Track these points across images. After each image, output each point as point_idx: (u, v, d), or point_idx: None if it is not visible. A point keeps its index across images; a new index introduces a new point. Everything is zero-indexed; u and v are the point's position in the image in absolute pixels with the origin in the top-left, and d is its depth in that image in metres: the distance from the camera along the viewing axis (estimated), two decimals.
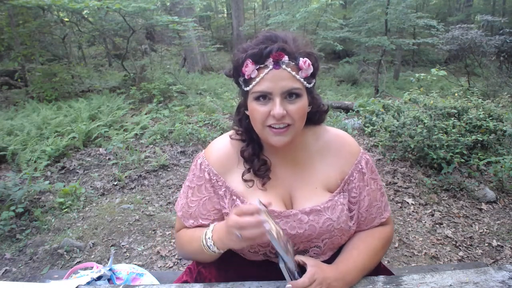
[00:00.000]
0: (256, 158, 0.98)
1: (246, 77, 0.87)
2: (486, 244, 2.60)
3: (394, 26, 9.66)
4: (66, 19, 8.82)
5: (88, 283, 1.15)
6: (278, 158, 1.00)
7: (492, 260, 2.42)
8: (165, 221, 2.94)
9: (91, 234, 2.77)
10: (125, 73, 8.01)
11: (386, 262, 2.38)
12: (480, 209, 3.05)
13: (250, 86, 0.87)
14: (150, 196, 3.40)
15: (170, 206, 3.22)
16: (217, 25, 18.90)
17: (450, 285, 0.89)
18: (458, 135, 3.34)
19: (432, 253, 2.48)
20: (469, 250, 2.53)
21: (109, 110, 5.61)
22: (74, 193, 3.30)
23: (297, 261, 0.90)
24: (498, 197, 3.20)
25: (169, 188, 3.55)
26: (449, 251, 2.52)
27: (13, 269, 2.43)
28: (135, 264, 2.00)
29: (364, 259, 0.96)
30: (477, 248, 2.56)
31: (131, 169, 3.86)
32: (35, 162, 3.86)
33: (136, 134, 4.79)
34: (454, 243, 2.60)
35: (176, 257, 2.51)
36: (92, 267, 1.32)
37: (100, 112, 5.49)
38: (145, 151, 4.32)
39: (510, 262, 2.42)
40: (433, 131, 3.40)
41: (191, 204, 1.02)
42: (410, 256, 2.46)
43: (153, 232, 2.80)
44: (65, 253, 2.53)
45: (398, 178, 3.53)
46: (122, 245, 2.65)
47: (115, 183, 3.61)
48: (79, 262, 2.44)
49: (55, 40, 9.28)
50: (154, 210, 3.14)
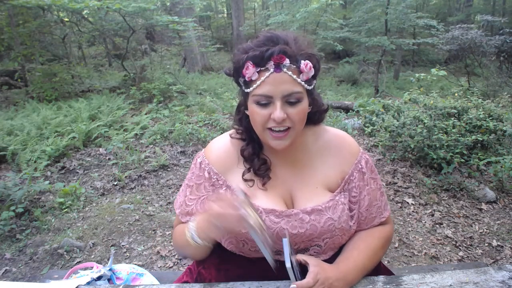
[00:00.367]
0: (256, 158, 0.98)
1: (246, 79, 0.87)
2: (486, 244, 2.60)
3: (394, 26, 9.66)
4: (66, 19, 8.82)
5: (88, 283, 1.15)
6: (278, 158, 1.00)
7: (492, 260, 2.42)
8: (165, 221, 2.94)
9: (91, 234, 2.77)
10: (125, 73, 8.01)
11: (386, 262, 2.38)
12: (480, 209, 3.05)
13: (251, 88, 0.87)
14: (150, 196, 3.40)
15: (170, 206, 3.22)
16: (217, 25, 18.90)
17: (450, 285, 0.89)
18: (458, 135, 3.34)
19: (432, 253, 2.47)
20: (469, 250, 2.53)
21: (109, 110, 5.61)
22: (74, 193, 3.30)
23: (298, 260, 0.90)
24: (498, 197, 3.20)
25: (169, 188, 3.55)
26: (449, 251, 2.52)
27: (13, 269, 2.43)
28: (135, 264, 2.00)
29: (364, 258, 0.96)
30: (477, 248, 2.56)
31: (131, 169, 3.86)
32: (35, 162, 3.86)
33: (136, 134, 4.79)
34: (454, 243, 2.60)
35: (176, 257, 2.51)
36: (92, 267, 1.32)
37: (100, 112, 5.49)
38: (145, 151, 4.32)
39: (510, 262, 2.42)
40: (433, 131, 3.40)
41: (189, 203, 1.02)
42: (410, 256, 2.46)
43: (153, 232, 2.80)
44: (65, 253, 2.53)
45: (398, 178, 3.53)
46: (122, 245, 2.65)
47: (115, 183, 3.61)
48: (79, 262, 2.44)
49: (55, 40, 9.27)
50: (154, 210, 3.14)
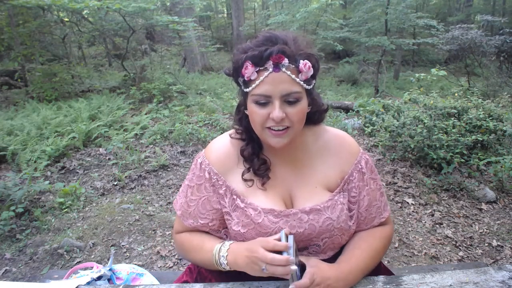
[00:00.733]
0: (256, 158, 0.98)
1: (245, 78, 0.87)
2: (486, 244, 2.60)
3: (394, 26, 9.66)
4: (66, 19, 8.82)
5: (88, 283, 1.15)
6: (277, 157, 1.00)
7: (492, 260, 2.42)
8: (165, 221, 2.94)
9: (91, 234, 2.77)
10: (125, 73, 8.01)
11: (386, 262, 2.38)
12: (480, 209, 3.04)
13: (250, 88, 0.87)
14: (150, 196, 3.40)
15: (170, 206, 3.22)
16: (217, 25, 18.90)
17: (450, 285, 0.89)
18: (458, 135, 3.34)
19: (432, 253, 2.47)
20: (469, 250, 2.53)
21: (109, 110, 5.61)
22: (74, 193, 3.30)
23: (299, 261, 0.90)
24: (498, 197, 3.20)
25: (169, 188, 3.55)
26: (449, 251, 2.52)
27: (13, 269, 2.43)
28: (135, 264, 2.00)
29: (365, 258, 0.96)
30: (477, 248, 2.56)
31: (131, 169, 3.86)
32: (35, 162, 3.86)
33: (136, 134, 4.79)
34: (454, 243, 2.60)
35: (176, 257, 2.51)
36: (92, 267, 1.32)
37: (100, 112, 5.49)
38: (145, 151, 4.32)
39: (510, 262, 2.42)
40: (433, 131, 3.40)
41: (191, 203, 1.02)
42: (410, 256, 2.46)
43: (153, 232, 2.80)
44: (65, 253, 2.53)
45: (398, 178, 3.53)
46: (122, 245, 2.65)
47: (115, 183, 3.61)
48: (79, 262, 2.44)
49: (55, 40, 9.28)
50: (154, 210, 3.14)
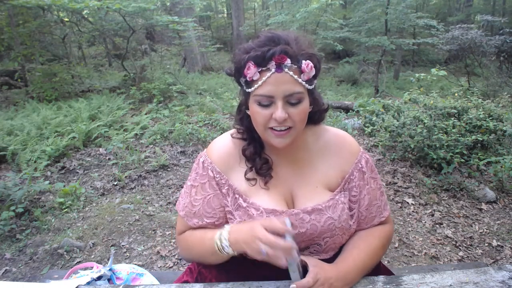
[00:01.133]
0: (258, 157, 0.98)
1: (248, 79, 0.87)
2: (486, 244, 2.60)
3: (394, 26, 9.66)
4: (66, 19, 8.82)
5: (88, 283, 1.15)
6: (279, 157, 1.00)
7: (492, 260, 2.42)
8: (165, 221, 2.94)
9: (91, 234, 2.77)
10: (125, 73, 8.01)
11: (386, 262, 2.38)
12: (480, 209, 3.04)
13: (252, 88, 0.87)
14: (150, 196, 3.40)
15: (170, 206, 3.21)
16: (217, 25, 18.90)
17: (450, 285, 0.89)
18: (458, 135, 3.34)
19: (432, 253, 2.47)
20: (469, 250, 2.53)
21: (109, 110, 5.61)
22: (74, 193, 3.30)
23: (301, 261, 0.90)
24: (498, 197, 3.20)
25: (169, 188, 3.55)
26: (449, 251, 2.52)
27: (13, 269, 2.43)
28: (135, 264, 2.00)
29: (364, 258, 0.96)
30: (477, 248, 2.56)
31: (131, 169, 3.86)
32: (35, 162, 3.86)
33: (136, 134, 4.79)
34: (454, 243, 2.60)
35: (176, 257, 2.51)
36: (92, 267, 1.32)
37: (100, 112, 5.49)
38: (145, 151, 4.32)
39: (510, 262, 2.42)
40: (433, 131, 3.40)
41: (195, 203, 1.01)
42: (410, 256, 2.46)
43: (153, 232, 2.80)
44: (65, 253, 2.53)
45: (398, 178, 3.53)
46: (122, 245, 2.65)
47: (115, 183, 3.61)
48: (79, 262, 2.44)
49: (55, 40, 9.27)
50: (154, 210, 3.14)
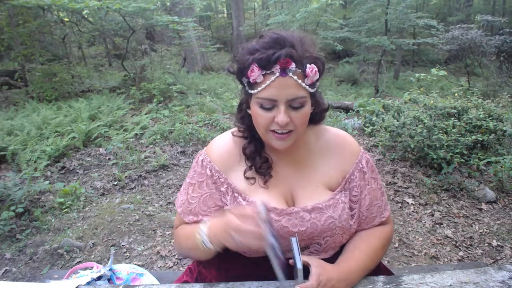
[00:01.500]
0: (258, 156, 0.98)
1: (251, 80, 0.86)
2: (486, 244, 2.60)
3: (394, 26, 9.66)
4: (66, 19, 8.82)
5: (88, 283, 1.15)
6: (279, 156, 1.00)
7: (492, 260, 2.42)
8: (165, 221, 2.94)
9: (91, 234, 2.77)
10: (125, 73, 8.01)
11: (386, 262, 2.38)
12: (480, 209, 3.04)
13: (255, 90, 0.86)
14: (150, 196, 3.40)
15: (170, 206, 3.22)
16: (217, 25, 18.90)
17: (450, 285, 0.89)
18: (458, 135, 3.34)
19: (432, 253, 2.47)
20: (469, 250, 2.53)
21: (109, 110, 5.61)
22: (74, 193, 3.30)
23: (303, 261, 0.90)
24: (498, 197, 3.20)
25: (169, 188, 3.55)
26: (449, 251, 2.52)
27: (13, 269, 2.43)
28: (135, 264, 2.00)
29: (365, 258, 0.96)
30: (477, 248, 2.56)
31: (131, 169, 3.86)
32: (35, 162, 3.86)
33: (136, 134, 4.79)
34: (454, 243, 2.60)
35: (176, 257, 2.51)
36: (92, 267, 1.32)
37: (100, 112, 5.49)
38: (145, 151, 4.32)
39: (510, 262, 2.42)
40: (433, 131, 3.40)
41: (192, 201, 1.01)
42: (410, 256, 2.46)
43: (153, 232, 2.80)
44: (65, 253, 2.53)
45: (398, 178, 3.53)
46: (122, 245, 2.65)
47: (115, 183, 3.61)
48: (79, 262, 2.44)
49: (55, 40, 9.27)
50: (154, 210, 3.14)
